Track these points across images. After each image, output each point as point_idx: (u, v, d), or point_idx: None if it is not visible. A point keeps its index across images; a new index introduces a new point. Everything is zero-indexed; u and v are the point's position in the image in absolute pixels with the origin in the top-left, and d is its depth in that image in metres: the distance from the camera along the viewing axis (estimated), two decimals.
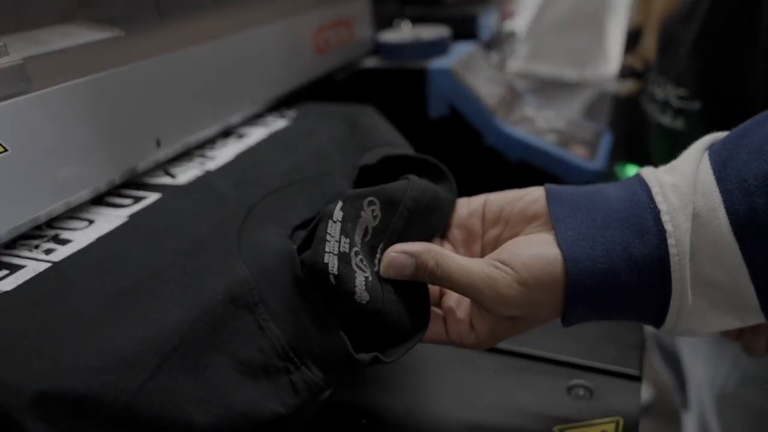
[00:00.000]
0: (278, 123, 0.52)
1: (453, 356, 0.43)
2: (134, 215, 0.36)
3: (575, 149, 0.61)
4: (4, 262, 0.32)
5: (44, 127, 0.33)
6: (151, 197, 0.38)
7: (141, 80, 0.40)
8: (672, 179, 0.31)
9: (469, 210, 0.39)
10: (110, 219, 0.36)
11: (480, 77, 0.65)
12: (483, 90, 0.63)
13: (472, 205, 0.39)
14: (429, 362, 0.43)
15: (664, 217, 0.30)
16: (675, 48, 0.59)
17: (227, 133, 0.50)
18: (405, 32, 0.67)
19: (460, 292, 0.33)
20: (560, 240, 0.32)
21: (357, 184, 0.41)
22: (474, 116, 0.61)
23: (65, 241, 0.33)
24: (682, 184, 0.31)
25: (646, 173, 0.33)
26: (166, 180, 0.41)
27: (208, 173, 0.42)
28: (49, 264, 0.31)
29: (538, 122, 0.65)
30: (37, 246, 0.33)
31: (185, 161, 0.45)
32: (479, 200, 0.39)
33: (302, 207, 0.38)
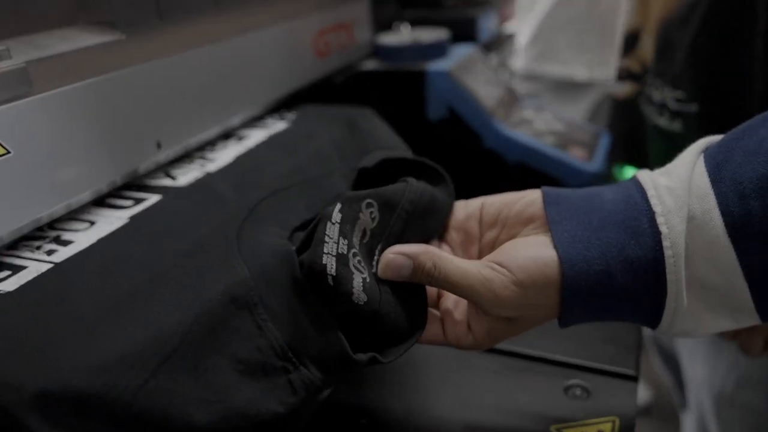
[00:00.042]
0: (278, 125, 0.52)
1: (452, 357, 0.43)
2: (135, 217, 0.36)
3: (574, 151, 0.62)
4: (7, 263, 0.32)
5: (46, 130, 0.34)
6: (152, 199, 0.39)
7: (141, 83, 0.40)
8: (667, 182, 0.32)
9: (467, 212, 0.39)
10: (111, 220, 0.36)
11: (479, 79, 0.65)
12: (482, 92, 0.63)
13: (470, 208, 0.39)
14: (428, 363, 0.44)
15: (659, 219, 0.30)
16: (672, 51, 0.59)
17: (227, 135, 0.50)
18: (404, 35, 0.67)
19: (457, 294, 0.33)
20: (556, 242, 0.32)
21: (356, 186, 0.42)
22: (473, 118, 0.61)
23: (67, 242, 0.34)
24: (678, 187, 0.31)
25: (642, 176, 0.33)
26: (167, 182, 0.42)
27: (209, 175, 0.42)
28: (51, 265, 0.31)
29: (537, 124, 0.65)
30: (39, 247, 0.34)
31: (186, 163, 0.45)
32: (476, 203, 0.39)
33: (302, 209, 0.38)
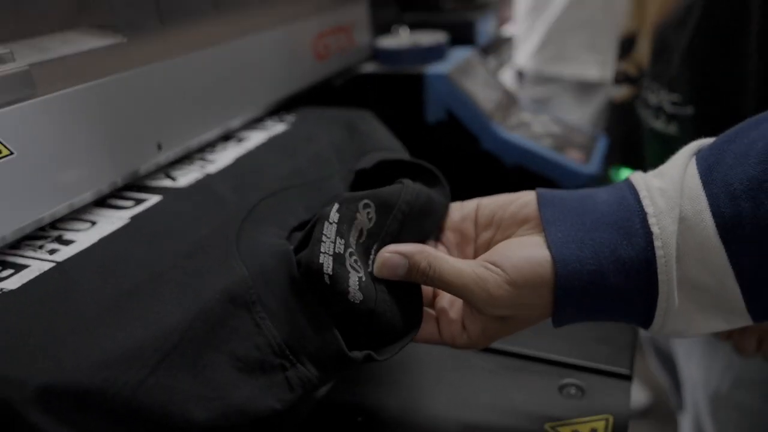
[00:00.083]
0: (277, 127, 0.52)
1: (447, 356, 0.44)
2: (135, 217, 0.37)
3: (571, 153, 0.62)
4: (10, 262, 0.33)
5: (48, 131, 0.34)
6: (152, 199, 0.39)
7: (142, 85, 0.40)
8: (660, 183, 0.32)
9: (462, 214, 0.39)
10: (112, 220, 0.36)
11: (477, 82, 0.66)
12: (480, 95, 0.64)
13: (465, 209, 0.39)
14: (424, 361, 0.44)
15: (651, 220, 0.31)
16: (668, 54, 0.59)
17: (227, 137, 0.51)
18: (403, 38, 0.68)
19: (452, 293, 0.34)
20: (550, 242, 0.32)
21: (353, 188, 0.42)
22: (471, 121, 0.61)
23: (68, 242, 0.34)
24: (670, 188, 0.31)
25: (635, 178, 0.34)
26: (167, 183, 0.42)
27: (208, 176, 0.42)
28: (53, 264, 0.32)
29: (535, 127, 0.66)
30: (42, 246, 0.34)
31: (186, 164, 0.45)
32: (472, 204, 0.39)
33: (301, 210, 0.39)
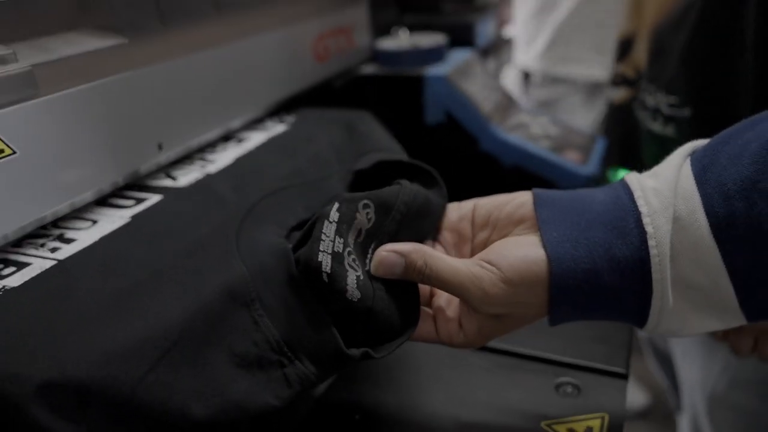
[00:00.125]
0: (277, 128, 0.53)
1: (444, 354, 0.44)
2: (136, 216, 0.37)
3: (569, 154, 0.62)
4: (12, 260, 0.33)
5: (51, 131, 0.34)
6: (153, 199, 0.39)
7: (144, 86, 0.41)
8: (654, 183, 0.32)
9: (459, 214, 0.40)
10: (113, 219, 0.37)
11: (476, 84, 0.66)
12: (479, 96, 0.64)
13: (462, 210, 0.40)
14: (421, 360, 0.44)
15: (645, 219, 0.31)
16: (665, 56, 0.60)
17: (227, 138, 0.51)
18: (403, 39, 0.68)
19: (449, 291, 0.34)
20: (545, 241, 0.33)
21: (352, 188, 0.43)
22: (470, 122, 0.62)
23: (70, 240, 0.35)
24: (664, 188, 0.31)
25: (630, 178, 0.34)
26: (168, 182, 0.42)
27: (209, 176, 0.43)
28: (55, 262, 0.32)
29: (533, 128, 0.66)
30: (43, 244, 0.34)
31: (186, 164, 0.46)
32: (469, 204, 0.40)
33: (300, 210, 0.39)
